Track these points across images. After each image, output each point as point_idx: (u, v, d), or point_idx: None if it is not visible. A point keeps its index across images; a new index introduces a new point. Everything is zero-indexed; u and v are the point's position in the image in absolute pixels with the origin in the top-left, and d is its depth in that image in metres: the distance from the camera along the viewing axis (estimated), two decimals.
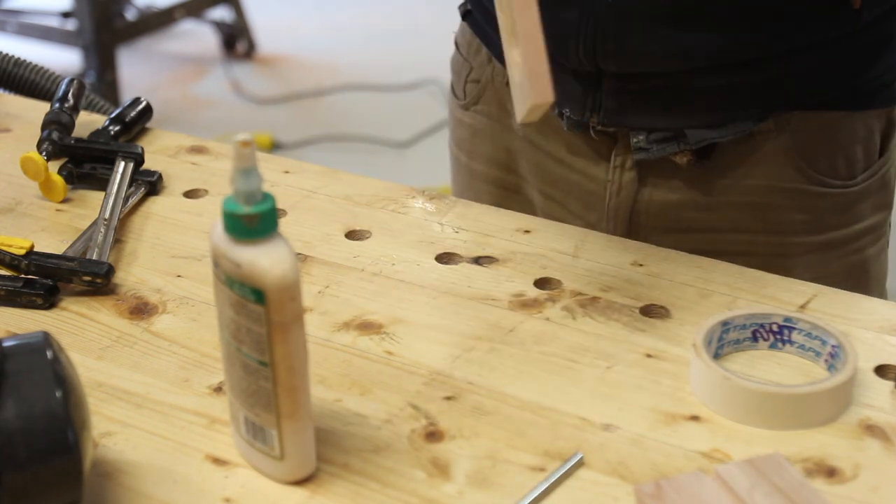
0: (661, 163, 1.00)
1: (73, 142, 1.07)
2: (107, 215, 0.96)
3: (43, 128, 1.09)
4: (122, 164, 1.04)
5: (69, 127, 1.10)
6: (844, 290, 0.89)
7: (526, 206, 1.10)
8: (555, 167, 1.08)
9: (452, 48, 1.20)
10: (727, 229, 1.01)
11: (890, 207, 1.06)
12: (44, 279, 0.88)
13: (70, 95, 1.13)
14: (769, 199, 1.00)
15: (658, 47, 0.94)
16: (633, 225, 1.04)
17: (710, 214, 1.00)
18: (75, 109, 1.13)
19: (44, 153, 1.05)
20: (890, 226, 1.08)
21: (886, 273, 1.10)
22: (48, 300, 0.87)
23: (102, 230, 0.94)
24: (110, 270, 0.89)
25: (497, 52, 1.09)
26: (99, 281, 0.88)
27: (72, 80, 1.16)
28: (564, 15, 0.95)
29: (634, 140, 1.00)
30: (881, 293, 1.09)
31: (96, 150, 1.06)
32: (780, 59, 0.96)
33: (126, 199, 1.01)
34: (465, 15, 1.15)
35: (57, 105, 1.12)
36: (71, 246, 0.94)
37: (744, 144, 0.98)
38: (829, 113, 0.99)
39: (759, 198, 0.99)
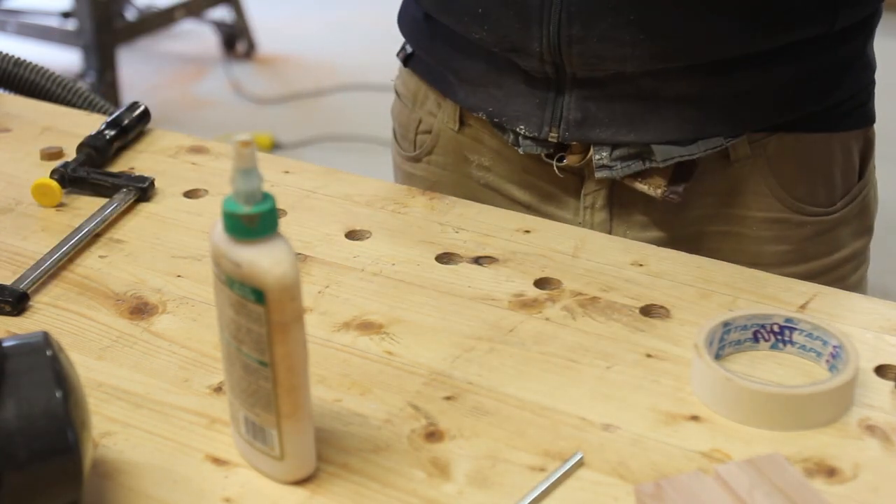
0: (633, 199, 0.98)
1: (85, 173, 1.05)
2: (59, 252, 0.93)
3: (78, 149, 1.08)
4: (121, 197, 1.02)
5: (103, 152, 1.09)
6: None
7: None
8: (522, 212, 1.03)
9: (392, 104, 1.16)
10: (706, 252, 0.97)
11: (870, 233, 1.05)
12: None
13: (123, 120, 1.12)
14: (748, 230, 0.98)
15: (627, 35, 0.89)
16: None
17: (687, 246, 0.94)
18: (122, 134, 1.11)
19: (56, 176, 1.04)
20: (869, 252, 1.07)
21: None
22: (17, 307, 0.86)
23: (50, 261, 0.92)
24: (22, 298, 0.87)
25: (446, 90, 1.06)
26: (7, 308, 0.86)
27: (134, 105, 1.15)
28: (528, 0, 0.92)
29: (597, 157, 0.96)
30: None
31: (104, 184, 1.04)
32: (752, 65, 0.92)
33: (112, 206, 1.00)
34: (407, 60, 1.11)
35: (104, 127, 1.11)
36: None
37: (720, 173, 0.96)
38: (805, 135, 0.97)
39: (737, 228, 0.97)
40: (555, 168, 0.98)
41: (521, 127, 0.98)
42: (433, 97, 1.09)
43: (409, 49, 1.11)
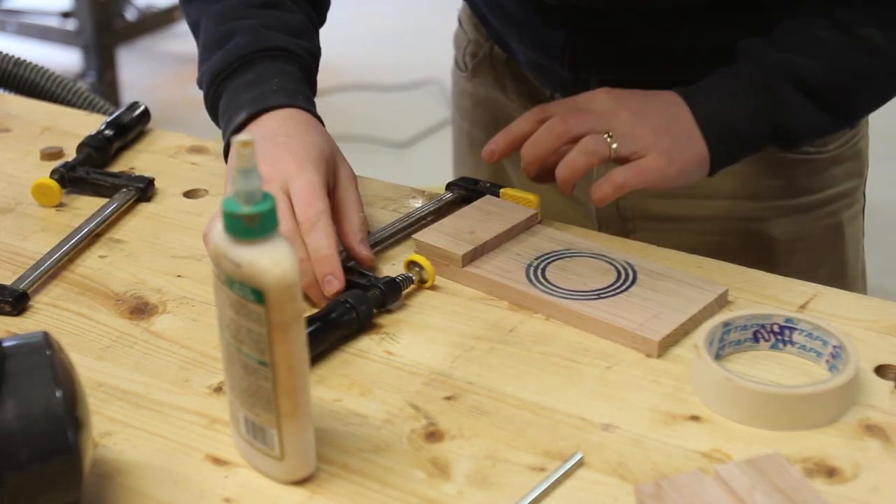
0: None
1: (82, 173, 1.05)
2: (59, 252, 0.93)
3: (78, 149, 1.08)
4: (121, 197, 1.02)
5: (103, 152, 1.09)
6: (821, 249, 1.03)
7: (521, 174, 1.10)
8: None
9: (455, 30, 1.25)
10: (708, 196, 1.06)
11: (862, 176, 1.12)
12: None
13: (122, 120, 1.12)
14: (747, 167, 1.04)
15: (642, 55, 1.01)
16: (621, 200, 1.07)
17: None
18: (121, 134, 1.11)
19: (56, 176, 1.04)
20: (865, 196, 1.14)
21: (863, 238, 1.18)
22: (17, 307, 0.86)
23: (50, 261, 0.92)
24: (22, 298, 0.87)
25: (492, 33, 1.17)
26: (7, 308, 0.86)
27: (134, 105, 1.15)
28: (551, 36, 1.04)
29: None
30: (857, 256, 1.15)
31: (104, 184, 1.04)
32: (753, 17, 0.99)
33: (112, 206, 1.00)
34: None
35: (103, 127, 1.11)
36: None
37: None
38: None
39: (737, 166, 0.99)
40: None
41: (558, 94, 1.09)
42: (483, 30, 1.19)
43: None
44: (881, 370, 0.78)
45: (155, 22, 3.82)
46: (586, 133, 0.90)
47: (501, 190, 0.98)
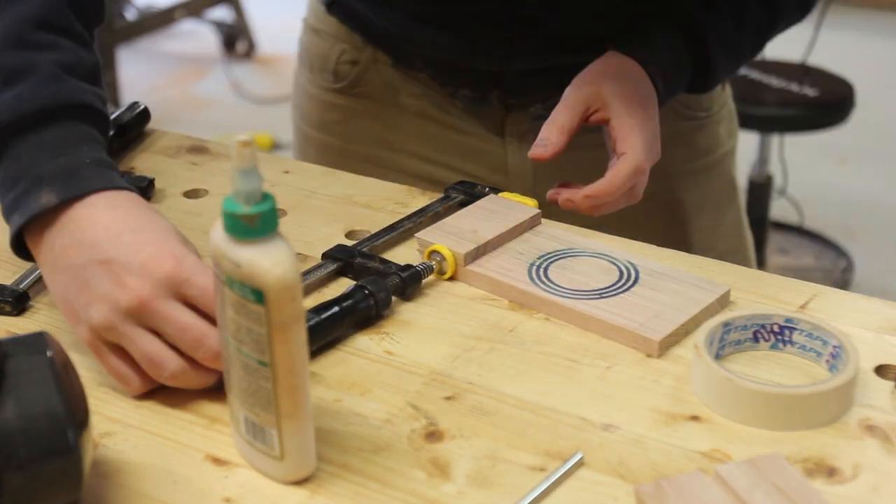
0: None
1: None
2: None
3: None
4: None
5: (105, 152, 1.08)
6: (722, 204, 1.18)
7: (400, 179, 1.11)
8: (453, 136, 1.14)
9: (304, 43, 1.21)
10: None
11: (737, 134, 1.24)
12: None
13: (122, 120, 1.11)
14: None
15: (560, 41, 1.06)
16: (538, 177, 1.12)
17: (605, 163, 1.02)
18: (122, 134, 1.11)
19: None
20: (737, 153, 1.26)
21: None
22: (17, 307, 0.86)
23: None
24: (22, 298, 0.87)
25: (374, 37, 1.13)
26: (7, 308, 0.86)
27: (134, 105, 1.15)
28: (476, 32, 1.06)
29: (532, 108, 1.10)
30: (740, 204, 1.25)
31: None
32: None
33: None
34: (330, 5, 1.16)
35: None
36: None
37: None
38: None
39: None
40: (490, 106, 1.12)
41: (466, 90, 1.11)
42: (359, 37, 1.15)
43: None
44: (881, 370, 0.78)
45: (155, 22, 3.82)
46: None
47: (501, 193, 0.98)
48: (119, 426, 0.74)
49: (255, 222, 0.63)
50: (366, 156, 1.17)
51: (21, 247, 0.80)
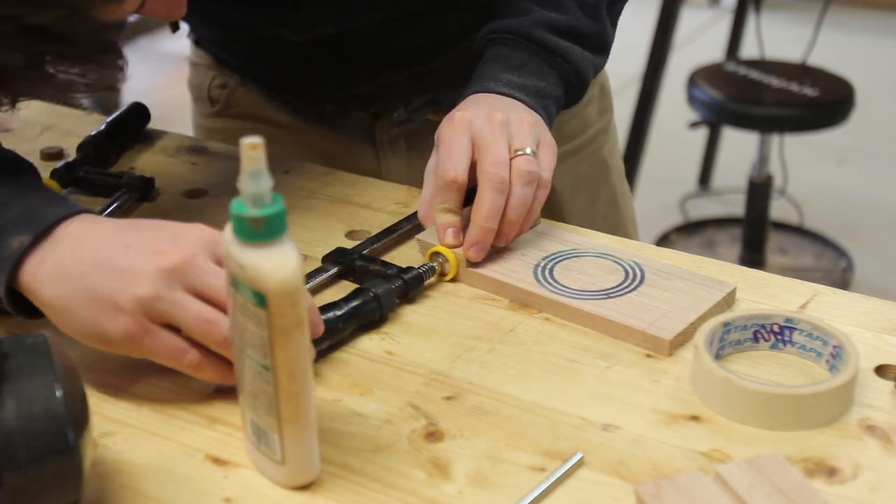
0: (426, 129, 1.10)
1: (82, 173, 1.05)
2: None
3: (78, 149, 1.08)
4: (121, 197, 1.02)
5: (103, 152, 1.09)
6: (595, 185, 1.18)
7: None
8: (328, 145, 1.18)
9: (189, 77, 1.25)
10: None
11: (611, 110, 1.24)
12: None
13: (122, 120, 1.12)
14: None
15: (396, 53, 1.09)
16: (412, 180, 1.09)
17: None
18: (121, 133, 1.11)
19: (56, 176, 1.04)
20: (615, 127, 1.26)
21: (623, 167, 1.29)
22: None
23: None
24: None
25: (236, 69, 1.19)
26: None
27: (134, 105, 1.15)
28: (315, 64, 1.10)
29: (395, 114, 1.14)
30: (622, 182, 1.27)
31: (104, 184, 1.04)
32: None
33: (112, 206, 1.00)
34: (197, 42, 1.23)
35: (103, 127, 1.11)
36: None
37: None
38: None
39: None
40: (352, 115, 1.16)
41: (329, 106, 1.15)
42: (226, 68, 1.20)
43: (195, 35, 1.22)
44: (881, 370, 0.78)
45: (155, 22, 3.81)
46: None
47: None
48: (119, 426, 0.74)
49: (262, 226, 0.62)
50: None
51: (15, 300, 0.77)
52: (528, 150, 0.88)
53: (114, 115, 1.13)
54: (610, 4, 1.01)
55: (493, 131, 0.89)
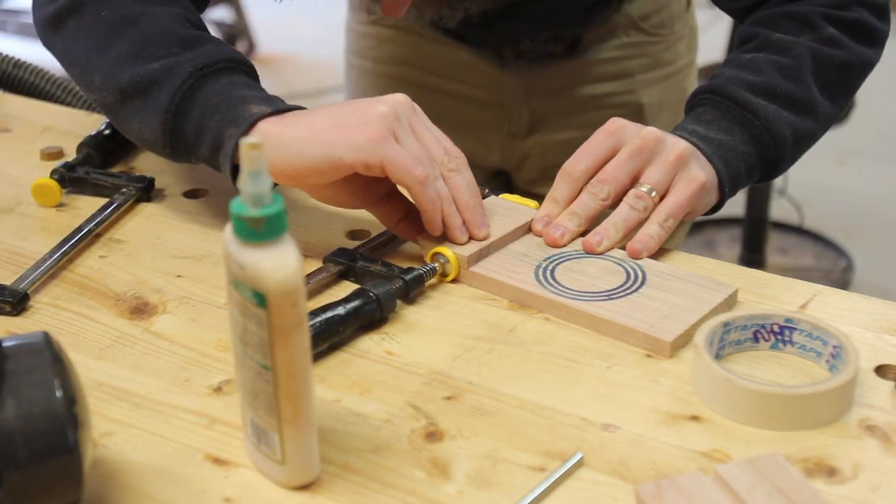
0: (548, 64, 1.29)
1: (82, 173, 1.05)
2: (59, 252, 0.93)
3: (78, 149, 1.08)
4: (121, 197, 1.02)
5: (103, 152, 1.09)
6: (676, 110, 1.25)
7: (430, 98, 1.25)
8: (455, 53, 1.31)
9: None
10: (596, 80, 1.31)
11: (696, 49, 1.40)
12: None
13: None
14: (622, 53, 1.31)
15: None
16: (531, 102, 1.30)
17: (583, 74, 1.30)
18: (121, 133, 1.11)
19: (56, 176, 1.04)
20: (696, 67, 1.42)
21: None
22: (17, 307, 0.86)
23: (50, 261, 0.92)
24: (22, 298, 0.87)
25: None
26: (7, 308, 0.86)
27: None
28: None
29: (522, 45, 1.27)
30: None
31: (104, 184, 1.04)
32: None
33: (112, 206, 1.00)
34: None
35: (103, 127, 1.11)
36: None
37: (602, 27, 1.29)
38: None
39: (617, 53, 1.30)
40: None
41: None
42: None
43: None
44: (881, 370, 0.78)
45: None
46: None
47: (501, 196, 0.98)
48: (119, 426, 0.74)
49: (261, 226, 0.62)
50: (392, 74, 1.36)
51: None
52: (644, 189, 0.93)
53: None
54: (818, 72, 1.03)
55: (629, 150, 0.93)
